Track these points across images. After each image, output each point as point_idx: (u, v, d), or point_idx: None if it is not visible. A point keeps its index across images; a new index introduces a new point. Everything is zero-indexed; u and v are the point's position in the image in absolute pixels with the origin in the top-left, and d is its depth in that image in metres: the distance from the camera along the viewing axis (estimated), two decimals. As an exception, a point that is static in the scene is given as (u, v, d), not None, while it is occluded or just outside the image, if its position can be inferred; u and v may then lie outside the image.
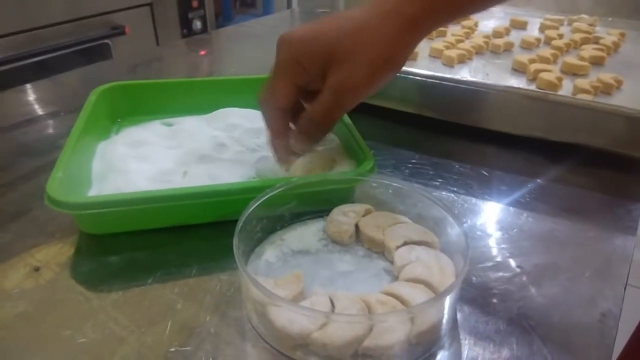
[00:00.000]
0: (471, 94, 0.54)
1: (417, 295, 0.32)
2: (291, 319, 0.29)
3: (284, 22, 1.24)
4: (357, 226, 0.40)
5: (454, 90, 0.55)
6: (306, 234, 0.40)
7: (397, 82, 0.58)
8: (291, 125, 0.43)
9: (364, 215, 0.41)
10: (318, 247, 0.39)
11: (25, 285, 0.36)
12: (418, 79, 0.57)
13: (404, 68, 0.57)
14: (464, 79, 0.54)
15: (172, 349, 0.31)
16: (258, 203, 0.36)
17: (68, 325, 0.32)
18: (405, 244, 0.37)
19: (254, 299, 0.31)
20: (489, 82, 0.54)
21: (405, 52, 0.41)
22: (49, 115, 0.63)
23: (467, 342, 0.32)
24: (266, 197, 0.37)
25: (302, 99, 0.43)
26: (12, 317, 0.33)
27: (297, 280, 0.34)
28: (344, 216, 0.40)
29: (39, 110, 0.65)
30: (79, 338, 0.31)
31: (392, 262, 0.37)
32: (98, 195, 0.41)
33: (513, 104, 0.54)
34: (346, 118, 0.49)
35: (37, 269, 0.37)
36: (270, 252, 0.38)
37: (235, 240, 0.33)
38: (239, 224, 0.34)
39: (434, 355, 0.31)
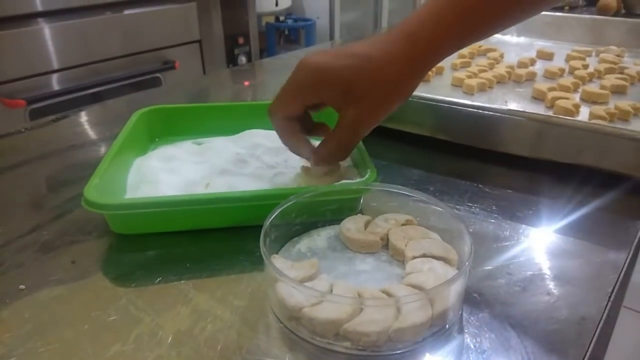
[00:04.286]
0: (479, 117, 0.57)
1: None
2: (291, 293, 0.34)
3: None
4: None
5: (461, 114, 0.58)
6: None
7: (413, 107, 0.62)
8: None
9: (402, 225, 0.44)
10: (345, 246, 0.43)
11: (62, 274, 0.41)
12: (432, 104, 0.61)
13: (420, 94, 0.61)
14: (472, 103, 0.58)
15: (182, 329, 0.35)
16: (298, 200, 0.42)
17: (95, 307, 0.37)
18: (424, 256, 0.40)
19: (269, 274, 0.36)
20: (494, 106, 0.57)
21: (413, 85, 0.45)
22: (99, 137, 0.71)
23: (445, 337, 0.35)
24: (308, 195, 0.43)
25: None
26: (49, 299, 0.38)
27: (311, 266, 0.38)
28: (384, 222, 0.44)
29: (91, 132, 0.73)
30: (104, 317, 0.36)
31: (406, 270, 0.40)
32: (127, 198, 0.47)
33: (521, 128, 0.56)
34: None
35: (73, 262, 0.42)
36: (304, 244, 0.43)
37: (266, 223, 0.39)
38: (272, 215, 0.40)
39: (414, 350, 0.34)
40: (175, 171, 0.52)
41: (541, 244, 0.45)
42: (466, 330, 0.35)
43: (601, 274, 0.41)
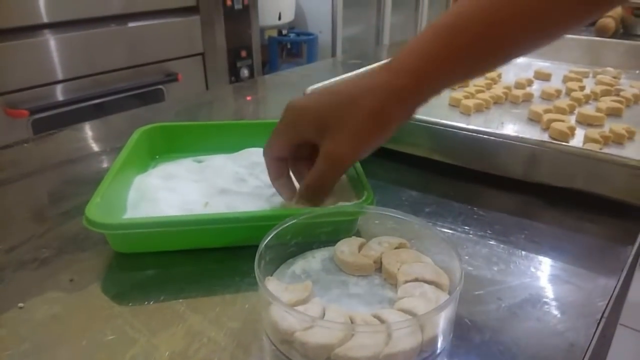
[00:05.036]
0: (474, 140, 0.58)
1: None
2: (283, 317, 0.35)
3: (327, 69, 1.32)
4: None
5: (456, 136, 0.59)
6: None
7: (409, 128, 0.63)
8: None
9: (396, 248, 0.44)
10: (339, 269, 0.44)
11: (60, 293, 0.42)
12: (428, 126, 0.62)
13: (417, 116, 0.62)
14: (467, 126, 0.58)
15: (176, 350, 0.36)
16: (293, 222, 0.42)
17: (92, 326, 0.38)
18: (416, 280, 0.40)
19: (262, 297, 0.37)
20: (489, 129, 0.58)
21: (392, 122, 0.45)
22: (99, 152, 0.72)
23: (437, 361, 0.35)
24: (304, 217, 0.43)
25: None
26: (47, 318, 0.39)
27: (304, 289, 0.39)
28: (378, 245, 0.45)
29: (91, 147, 0.74)
30: (100, 337, 0.37)
31: (398, 294, 0.40)
32: (127, 218, 0.48)
33: (516, 151, 0.57)
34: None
35: (71, 280, 0.43)
36: (298, 266, 0.44)
37: (261, 245, 0.39)
38: (267, 238, 0.40)
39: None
40: (174, 190, 0.53)
41: (532, 269, 0.45)
42: (456, 357, 0.36)
43: (591, 300, 0.42)
